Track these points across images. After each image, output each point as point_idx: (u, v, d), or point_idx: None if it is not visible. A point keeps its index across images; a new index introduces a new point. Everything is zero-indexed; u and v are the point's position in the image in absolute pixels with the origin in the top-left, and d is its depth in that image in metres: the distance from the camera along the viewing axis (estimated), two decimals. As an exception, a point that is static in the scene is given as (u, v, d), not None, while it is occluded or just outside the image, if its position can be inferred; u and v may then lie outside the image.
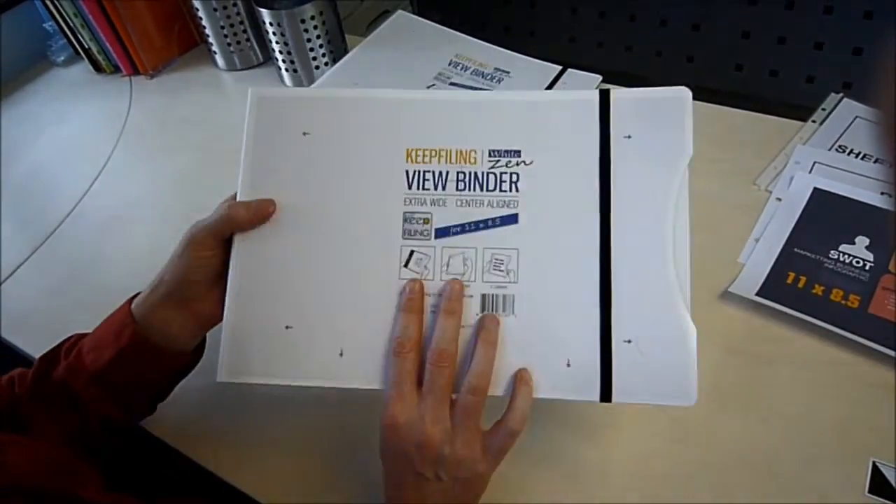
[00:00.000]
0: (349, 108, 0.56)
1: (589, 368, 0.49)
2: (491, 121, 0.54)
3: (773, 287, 0.67)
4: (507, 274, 0.52)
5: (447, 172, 0.53)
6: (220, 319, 0.54)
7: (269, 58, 1.12)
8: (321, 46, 1.02)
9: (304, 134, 0.56)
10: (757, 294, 0.66)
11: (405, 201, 0.53)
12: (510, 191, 0.53)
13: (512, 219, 0.52)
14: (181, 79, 1.17)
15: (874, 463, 0.55)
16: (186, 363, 0.58)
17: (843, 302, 0.65)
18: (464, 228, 0.53)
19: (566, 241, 0.51)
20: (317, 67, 1.04)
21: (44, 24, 1.22)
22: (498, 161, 0.53)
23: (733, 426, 0.59)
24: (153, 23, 1.14)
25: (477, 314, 0.51)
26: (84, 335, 0.57)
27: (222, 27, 1.09)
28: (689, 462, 0.56)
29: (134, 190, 0.95)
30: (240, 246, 0.55)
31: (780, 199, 0.76)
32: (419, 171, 0.54)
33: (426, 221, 0.53)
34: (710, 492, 0.55)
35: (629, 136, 0.52)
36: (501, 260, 0.52)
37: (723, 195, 0.78)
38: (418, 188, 0.53)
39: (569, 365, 0.50)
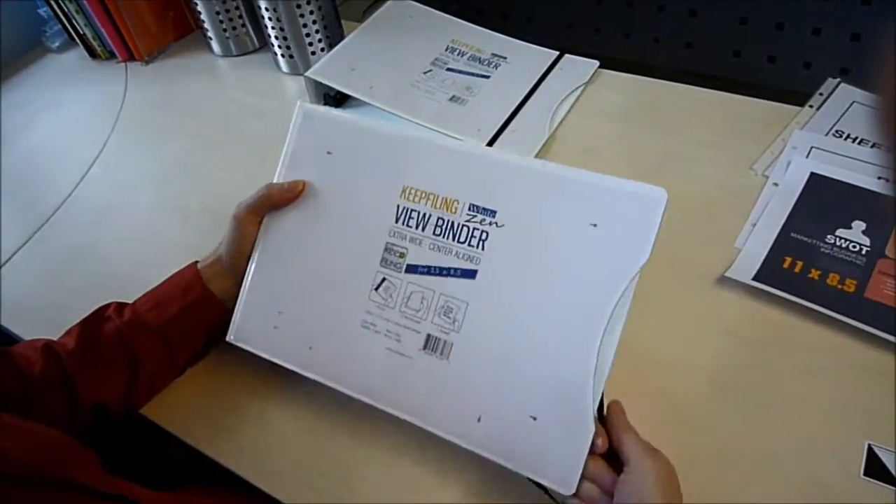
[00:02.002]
0: (367, 138, 0.61)
1: (495, 430, 0.53)
2: (479, 176, 0.57)
3: (770, 272, 0.67)
4: (453, 323, 0.56)
5: (430, 216, 0.58)
6: None
7: (264, 44, 1.12)
8: (317, 32, 1.02)
9: (328, 153, 0.62)
10: (753, 279, 0.66)
11: (390, 233, 0.59)
12: (477, 247, 0.56)
13: (470, 274, 0.56)
14: (177, 65, 1.17)
15: (869, 445, 0.55)
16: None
17: (840, 286, 0.65)
18: (429, 270, 0.57)
19: (510, 311, 0.54)
20: (313, 53, 1.03)
21: (38, 10, 1.21)
22: (475, 216, 0.56)
23: (729, 410, 0.59)
24: (148, 8, 1.14)
25: (419, 349, 0.57)
26: (123, 302, 0.64)
27: (218, 13, 1.08)
28: (686, 445, 0.56)
29: (130, 176, 0.95)
30: (263, 232, 0.63)
31: (777, 185, 0.76)
32: (408, 209, 0.58)
33: (402, 256, 0.58)
34: (707, 475, 0.55)
35: (595, 225, 0.52)
36: (451, 308, 0.56)
37: (720, 180, 0.78)
38: (403, 224, 0.58)
39: (479, 420, 0.54)
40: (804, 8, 1.35)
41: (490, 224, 0.56)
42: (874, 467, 0.54)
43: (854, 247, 0.67)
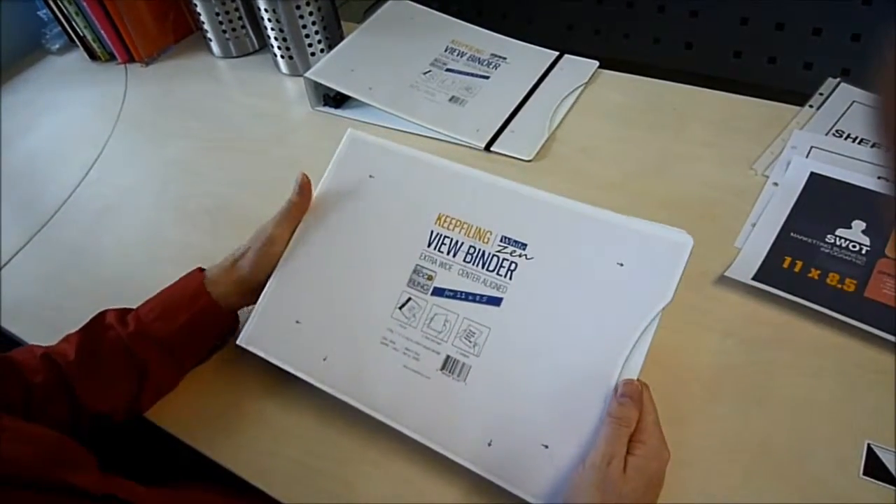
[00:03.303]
0: (412, 167, 0.64)
1: (506, 455, 0.54)
2: (514, 210, 0.59)
3: (770, 271, 0.67)
4: (474, 346, 0.57)
5: (462, 243, 0.59)
6: None
7: (264, 45, 1.12)
8: (317, 33, 1.02)
9: (370, 176, 0.64)
10: (753, 278, 0.66)
11: (420, 256, 0.60)
12: (505, 276, 0.57)
13: (496, 301, 0.57)
14: (176, 66, 1.17)
15: (869, 445, 0.55)
16: (235, 325, 0.66)
17: (840, 286, 0.65)
18: (455, 295, 0.59)
19: (531, 340, 0.56)
20: (312, 54, 1.03)
21: (38, 12, 1.21)
22: (506, 247, 0.58)
23: (729, 409, 0.59)
24: (148, 10, 1.14)
25: (437, 369, 0.57)
26: (122, 309, 0.63)
27: (217, 14, 1.08)
28: (685, 444, 0.56)
29: (130, 178, 0.95)
30: (294, 241, 0.64)
31: (776, 184, 0.75)
32: (441, 235, 0.60)
33: (430, 278, 0.60)
34: (706, 474, 0.55)
35: (621, 264, 0.54)
36: (473, 332, 0.57)
37: (720, 180, 0.78)
38: (435, 249, 0.60)
39: (490, 445, 0.54)
40: (804, 8, 1.35)
41: (520, 256, 0.57)
42: (874, 467, 0.54)
43: (854, 246, 0.67)
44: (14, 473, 0.44)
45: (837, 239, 0.68)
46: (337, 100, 0.97)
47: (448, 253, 0.59)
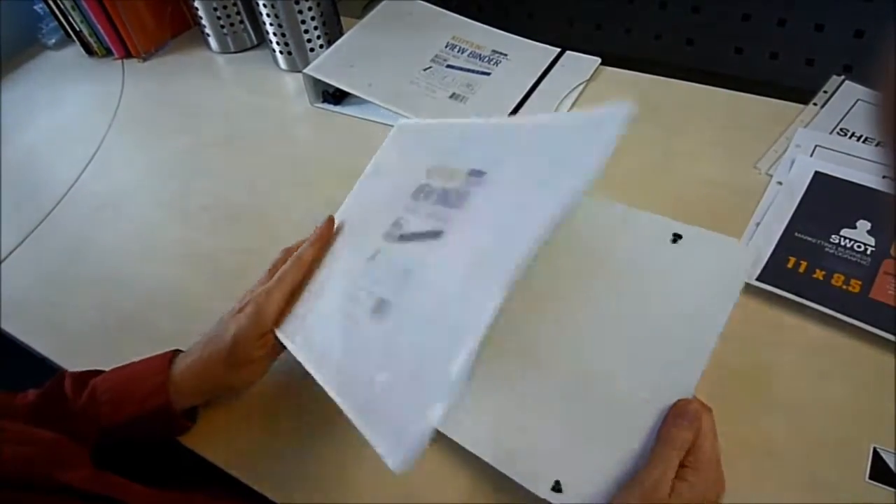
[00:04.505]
0: (421, 132, 0.63)
1: (379, 396, 0.47)
2: (487, 142, 0.54)
3: (774, 272, 0.66)
4: (400, 287, 0.49)
5: (436, 188, 0.55)
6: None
7: (263, 40, 1.11)
8: (316, 29, 1.01)
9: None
10: (757, 279, 0.66)
11: (404, 208, 0.56)
12: (454, 208, 0.50)
13: (437, 234, 0.50)
14: (174, 62, 1.16)
15: (875, 449, 0.54)
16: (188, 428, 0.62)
17: (844, 287, 0.64)
18: (411, 237, 0.52)
19: (464, 286, 0.45)
20: (311, 50, 1.02)
21: (34, 7, 1.20)
22: (469, 178, 0.52)
23: (732, 411, 0.58)
24: (145, 5, 1.13)
25: (368, 313, 0.50)
26: (85, 372, 0.59)
27: (215, 9, 1.07)
28: (689, 448, 0.56)
29: (127, 174, 0.94)
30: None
31: (780, 183, 0.75)
32: (425, 185, 0.56)
33: (399, 226, 0.54)
34: (710, 478, 0.55)
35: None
36: (411, 270, 0.50)
37: (723, 179, 0.77)
38: (414, 200, 0.56)
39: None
40: (806, 4, 1.34)
41: (476, 185, 0.51)
42: (880, 471, 0.53)
43: (859, 247, 0.66)
44: (8, 475, 0.44)
45: (842, 239, 0.67)
46: (336, 96, 0.97)
47: (425, 200, 0.54)
